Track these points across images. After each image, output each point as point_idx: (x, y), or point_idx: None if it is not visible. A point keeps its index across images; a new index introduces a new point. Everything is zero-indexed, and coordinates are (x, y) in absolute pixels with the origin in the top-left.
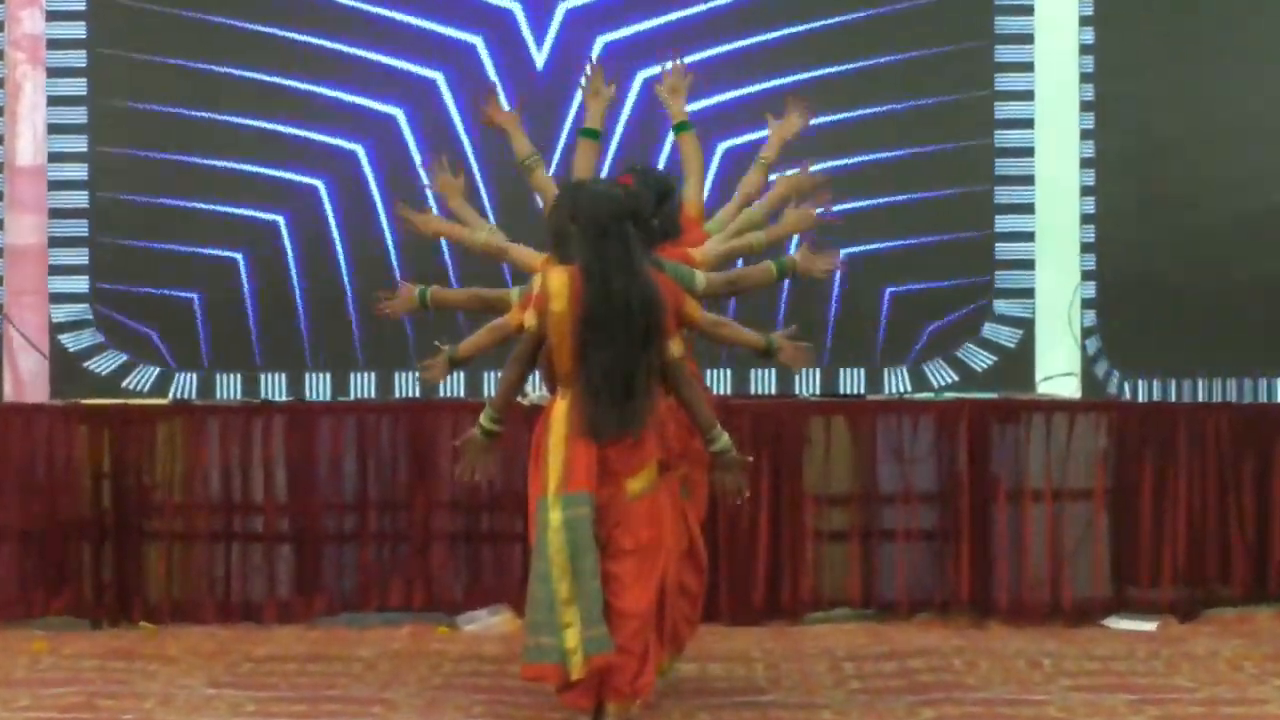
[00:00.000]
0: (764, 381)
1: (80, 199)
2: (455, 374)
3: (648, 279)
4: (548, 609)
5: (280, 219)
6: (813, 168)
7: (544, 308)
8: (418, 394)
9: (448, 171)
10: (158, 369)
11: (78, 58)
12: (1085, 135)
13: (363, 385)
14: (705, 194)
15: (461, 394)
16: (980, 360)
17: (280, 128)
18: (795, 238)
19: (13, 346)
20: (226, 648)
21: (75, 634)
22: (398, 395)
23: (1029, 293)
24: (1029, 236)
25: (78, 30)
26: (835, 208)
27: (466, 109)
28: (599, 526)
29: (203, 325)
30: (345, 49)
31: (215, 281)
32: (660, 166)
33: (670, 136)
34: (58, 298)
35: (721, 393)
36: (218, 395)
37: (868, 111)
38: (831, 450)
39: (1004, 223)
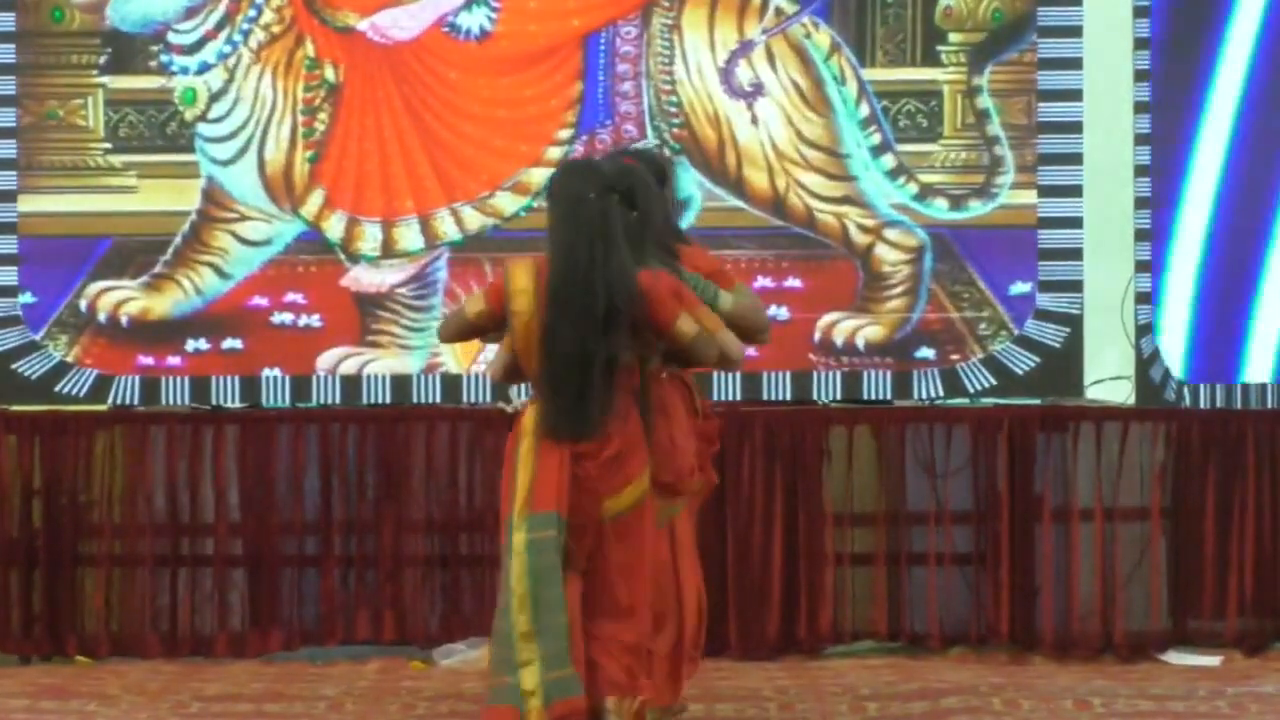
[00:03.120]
0: (778, 386)
1: (8, 180)
2: (430, 377)
3: (624, 263)
4: (508, 644)
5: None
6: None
7: (503, 303)
8: (388, 400)
9: None
10: (95, 371)
11: (5, 20)
12: (1140, 109)
13: (326, 390)
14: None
15: (437, 399)
16: (1022, 362)
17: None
18: None
19: None
20: (173, 686)
21: (1, 670)
22: (365, 401)
23: (1077, 286)
24: (1077, 223)
25: None
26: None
27: None
28: (575, 554)
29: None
30: None
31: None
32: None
33: None
34: None
35: (729, 398)
36: (163, 401)
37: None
38: (854, 463)
39: (1049, 207)
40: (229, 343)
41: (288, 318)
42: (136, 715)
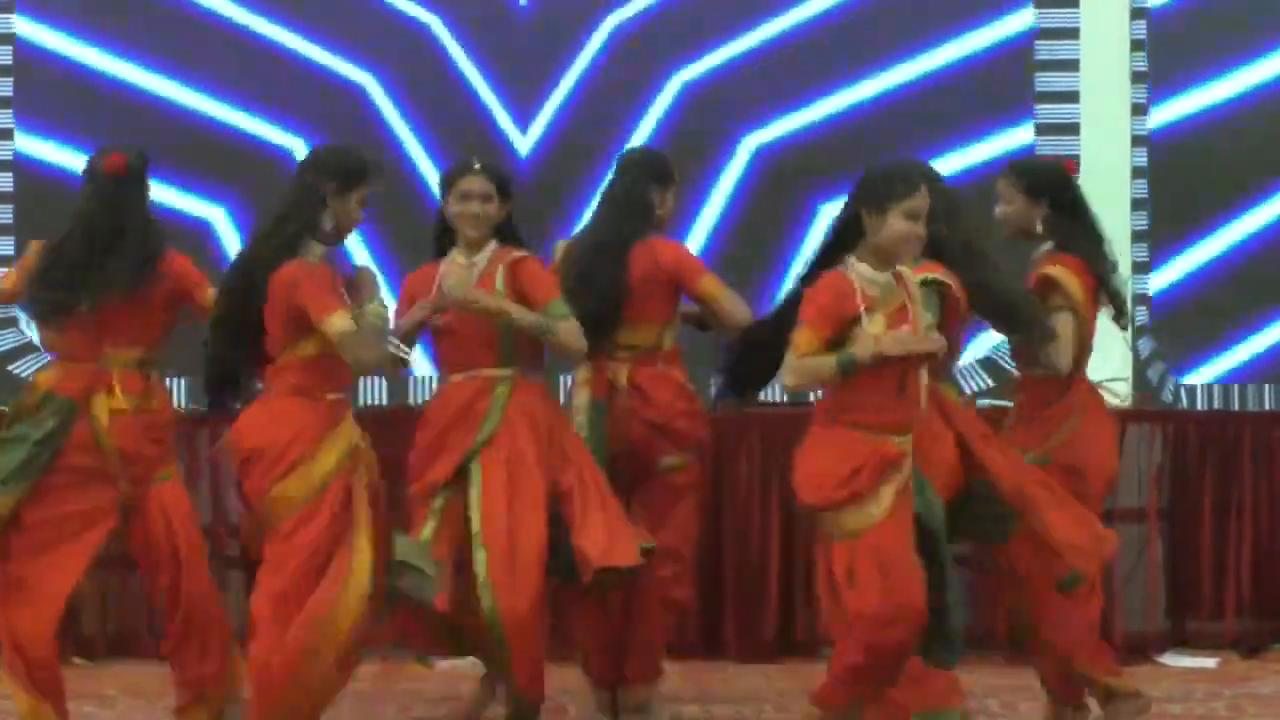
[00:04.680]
0: (775, 388)
1: (5, 181)
2: (429, 377)
3: None
4: None
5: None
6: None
7: None
8: (385, 400)
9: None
10: None
11: (5, 22)
12: (1137, 110)
13: None
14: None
15: None
16: None
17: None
18: None
19: None
20: (170, 687)
21: None
22: (363, 401)
23: None
24: None
25: None
26: None
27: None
28: None
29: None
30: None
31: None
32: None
33: None
34: None
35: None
36: None
37: (895, 81)
38: None
39: None
40: None
41: None
42: (133, 717)
